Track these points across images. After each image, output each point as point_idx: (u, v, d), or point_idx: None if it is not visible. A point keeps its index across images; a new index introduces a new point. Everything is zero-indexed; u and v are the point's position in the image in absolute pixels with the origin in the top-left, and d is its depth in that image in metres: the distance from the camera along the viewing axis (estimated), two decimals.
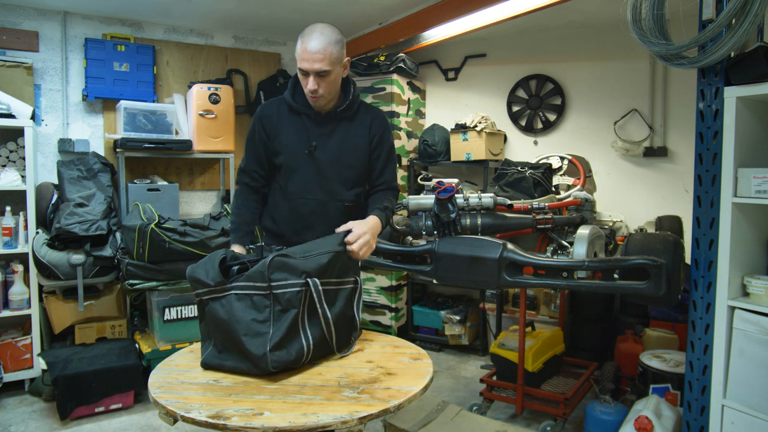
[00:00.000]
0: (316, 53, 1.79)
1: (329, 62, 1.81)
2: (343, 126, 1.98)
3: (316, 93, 1.85)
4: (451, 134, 3.99)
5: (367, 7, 3.58)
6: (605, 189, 3.74)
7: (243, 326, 1.45)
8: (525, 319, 2.89)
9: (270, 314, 1.47)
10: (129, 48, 3.77)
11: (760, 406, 1.85)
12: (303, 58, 1.81)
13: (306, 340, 1.51)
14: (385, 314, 4.21)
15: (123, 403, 3.04)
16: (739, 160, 1.93)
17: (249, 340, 1.44)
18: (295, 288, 1.50)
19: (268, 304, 1.48)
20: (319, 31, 1.82)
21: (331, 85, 1.88)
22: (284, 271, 1.50)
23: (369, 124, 2.01)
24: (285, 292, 1.49)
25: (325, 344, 1.58)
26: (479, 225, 2.39)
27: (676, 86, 3.58)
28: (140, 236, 3.10)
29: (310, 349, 1.51)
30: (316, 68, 1.80)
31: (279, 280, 1.49)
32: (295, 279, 1.51)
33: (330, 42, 1.82)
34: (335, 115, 1.96)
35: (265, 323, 1.46)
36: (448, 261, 2.28)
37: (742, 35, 1.77)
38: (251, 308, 1.48)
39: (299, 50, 1.83)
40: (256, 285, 1.48)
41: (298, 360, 1.49)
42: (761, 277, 1.94)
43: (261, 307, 1.48)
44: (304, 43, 1.82)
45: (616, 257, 2.33)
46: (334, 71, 1.85)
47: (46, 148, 3.64)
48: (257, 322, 1.46)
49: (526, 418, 2.98)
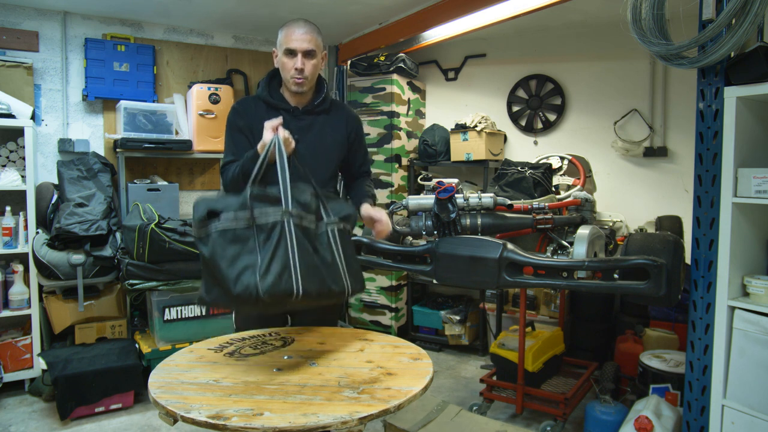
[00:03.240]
0: (304, 34, 1.91)
1: (315, 44, 1.94)
2: (321, 120, 2.05)
3: (302, 73, 1.92)
4: (451, 134, 3.99)
5: (367, 7, 3.58)
6: (605, 189, 3.74)
7: (225, 262, 1.42)
8: (525, 319, 2.90)
9: (254, 243, 1.45)
10: (129, 48, 3.77)
11: (760, 406, 1.85)
12: (292, 39, 1.91)
13: (295, 270, 1.45)
14: (385, 314, 4.21)
15: (123, 403, 3.04)
16: (739, 160, 1.93)
17: (233, 275, 1.40)
18: (278, 215, 1.48)
19: (251, 235, 1.46)
20: (303, 21, 1.96)
21: (314, 69, 1.97)
22: (266, 203, 1.50)
23: (345, 119, 2.10)
24: (268, 221, 1.47)
25: (318, 276, 1.52)
26: (479, 225, 2.39)
27: (676, 86, 3.58)
28: (140, 236, 3.10)
29: (299, 282, 1.45)
30: (305, 47, 1.91)
31: (261, 208, 1.48)
32: (278, 208, 1.50)
33: (315, 29, 1.96)
34: (312, 109, 2.03)
35: (251, 254, 1.43)
36: (448, 261, 2.28)
37: (742, 35, 1.77)
38: (233, 242, 1.45)
39: (284, 35, 1.93)
40: (237, 217, 1.46)
41: (288, 291, 1.42)
42: (761, 277, 1.94)
43: (244, 239, 1.45)
44: (290, 27, 1.93)
45: (616, 257, 2.33)
46: (318, 55, 1.97)
47: (46, 148, 3.64)
48: (241, 255, 1.43)
49: (526, 418, 2.98)
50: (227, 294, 1.43)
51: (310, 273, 1.50)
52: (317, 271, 1.53)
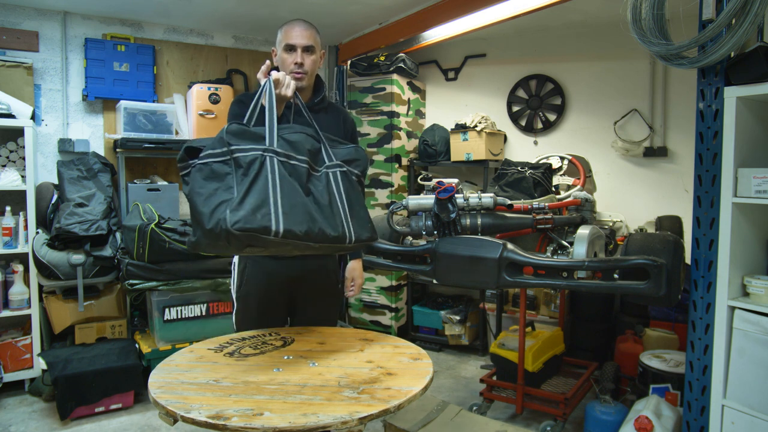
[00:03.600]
0: (304, 31, 1.96)
1: (314, 41, 1.99)
2: (321, 116, 2.05)
3: (302, 68, 1.96)
4: (451, 134, 3.99)
5: (367, 7, 3.58)
6: (605, 189, 3.74)
7: (201, 198, 1.39)
8: (525, 319, 2.90)
9: (232, 180, 1.41)
10: (129, 48, 3.77)
11: (760, 406, 1.85)
12: (292, 35, 1.95)
13: (275, 207, 1.39)
14: (385, 314, 4.21)
15: (123, 403, 3.05)
16: (739, 160, 1.93)
17: (208, 210, 1.37)
18: (258, 150, 1.45)
19: (230, 171, 1.42)
20: (302, 20, 2.01)
21: (313, 65, 2.00)
22: (246, 139, 1.47)
23: (343, 119, 2.14)
24: (247, 155, 1.43)
25: (307, 218, 1.46)
26: (479, 225, 2.39)
27: (676, 86, 3.58)
28: (140, 236, 3.10)
29: (280, 220, 1.39)
30: (304, 43, 1.95)
31: (240, 145, 1.45)
32: (258, 144, 1.47)
33: (313, 28, 2.01)
34: (311, 106, 2.04)
35: (228, 191, 1.39)
36: (448, 261, 2.28)
37: (742, 35, 1.77)
38: (210, 178, 1.41)
39: (284, 32, 1.97)
40: (215, 152, 1.44)
41: (264, 228, 1.36)
42: (761, 277, 1.94)
43: (222, 175, 1.42)
44: (290, 25, 1.98)
45: (616, 257, 2.33)
46: (317, 52, 2.00)
47: (46, 148, 3.64)
48: (218, 191, 1.40)
49: (526, 418, 2.98)
50: (203, 231, 1.39)
51: (296, 213, 1.44)
52: (306, 212, 1.47)
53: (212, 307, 3.32)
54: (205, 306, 3.30)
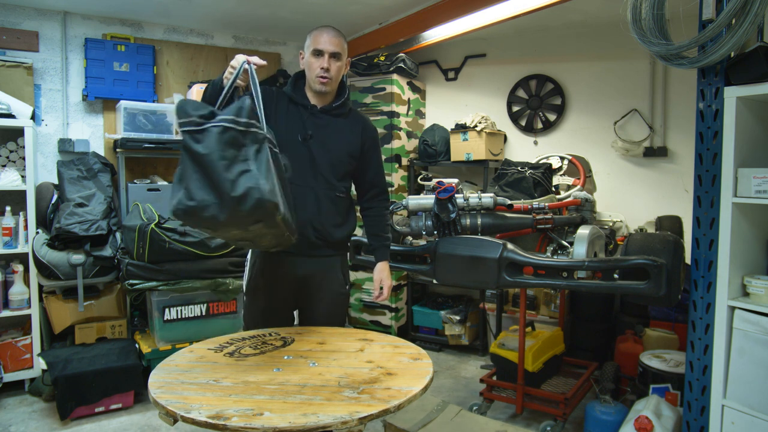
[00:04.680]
0: (333, 38, 2.02)
1: (342, 48, 2.04)
2: (339, 122, 2.10)
3: (328, 72, 2.01)
4: (451, 134, 3.99)
5: (367, 7, 3.58)
6: (605, 189, 3.74)
7: (224, 163, 1.39)
8: (525, 319, 2.89)
9: (247, 153, 1.45)
10: (129, 48, 3.77)
11: (760, 406, 1.85)
12: (321, 41, 2.00)
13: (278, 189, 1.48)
14: (385, 314, 4.21)
15: (123, 403, 3.04)
16: (739, 160, 1.93)
17: (231, 176, 1.39)
18: (263, 133, 1.51)
19: (245, 143, 1.46)
20: (332, 27, 2.06)
21: (339, 72, 2.06)
22: (254, 120, 1.51)
23: (362, 126, 2.15)
24: (258, 134, 1.49)
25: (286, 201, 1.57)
26: (479, 225, 2.39)
27: (676, 86, 3.58)
28: (140, 236, 3.10)
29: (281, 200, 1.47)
30: (332, 49, 2.00)
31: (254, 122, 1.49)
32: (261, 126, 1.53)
33: (342, 36, 2.06)
34: (330, 110, 2.09)
35: (244, 162, 1.43)
36: (448, 261, 2.28)
37: (742, 35, 1.77)
38: (231, 145, 1.43)
39: (313, 37, 2.01)
40: (240, 120, 1.45)
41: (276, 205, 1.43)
42: (761, 277, 1.94)
43: (239, 145, 1.45)
44: (319, 30, 2.02)
45: (616, 257, 2.33)
46: (343, 59, 2.06)
47: (46, 148, 3.64)
48: (237, 160, 1.42)
49: (526, 418, 2.98)
50: (222, 197, 1.39)
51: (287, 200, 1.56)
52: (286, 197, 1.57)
53: (212, 307, 3.32)
54: (205, 306, 3.30)
